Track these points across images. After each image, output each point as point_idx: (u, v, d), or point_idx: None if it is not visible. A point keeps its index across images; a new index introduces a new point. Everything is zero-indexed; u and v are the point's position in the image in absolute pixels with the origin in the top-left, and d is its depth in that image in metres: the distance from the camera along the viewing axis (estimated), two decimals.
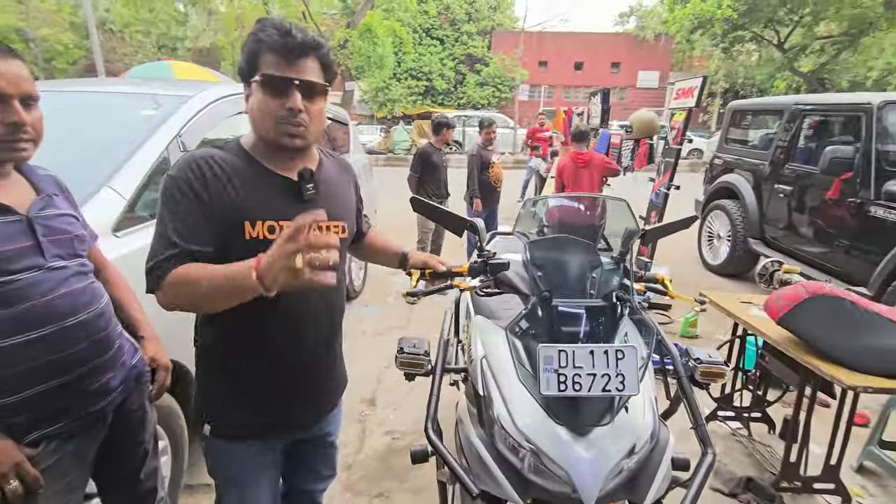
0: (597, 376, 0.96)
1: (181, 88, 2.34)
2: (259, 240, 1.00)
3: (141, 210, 1.73)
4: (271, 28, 0.97)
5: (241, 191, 1.01)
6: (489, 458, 1.06)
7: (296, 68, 0.98)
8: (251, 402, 1.10)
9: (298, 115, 0.98)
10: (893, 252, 3.20)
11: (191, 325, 1.15)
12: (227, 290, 0.88)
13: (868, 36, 16.20)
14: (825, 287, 1.76)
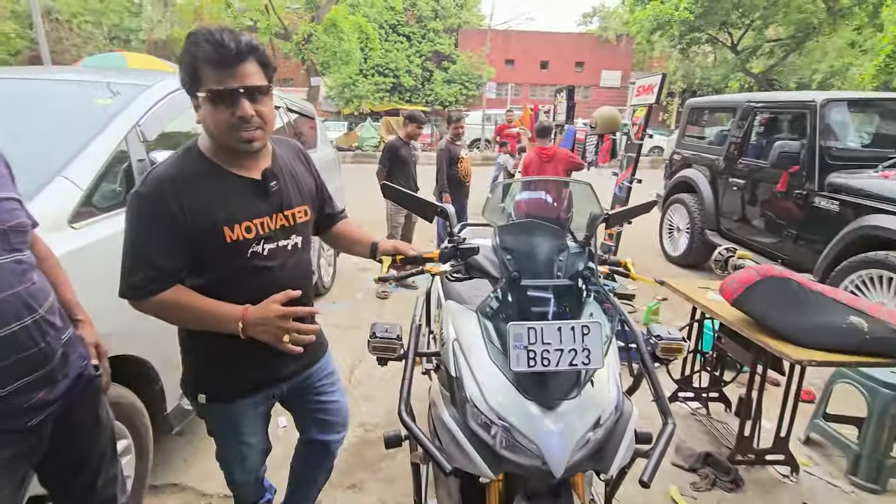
0: (564, 351, 1.00)
1: (139, 77, 2.25)
2: (239, 241, 1.12)
3: (99, 202, 1.66)
4: (203, 42, 1.00)
5: (214, 200, 1.09)
6: (461, 436, 1.08)
7: (236, 76, 1.02)
8: (235, 368, 1.25)
9: (251, 121, 1.05)
10: (836, 240, 3.42)
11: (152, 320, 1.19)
12: (209, 324, 1.11)
13: (812, 40, 17.17)
14: (774, 269, 1.88)
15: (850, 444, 2.18)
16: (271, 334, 1.08)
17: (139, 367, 1.76)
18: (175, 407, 1.96)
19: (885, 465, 2.07)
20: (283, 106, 3.64)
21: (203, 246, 1.09)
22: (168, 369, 1.89)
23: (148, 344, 1.77)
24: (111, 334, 1.56)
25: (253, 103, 1.05)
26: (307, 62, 14.76)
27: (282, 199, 1.20)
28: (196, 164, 1.11)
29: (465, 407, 1.11)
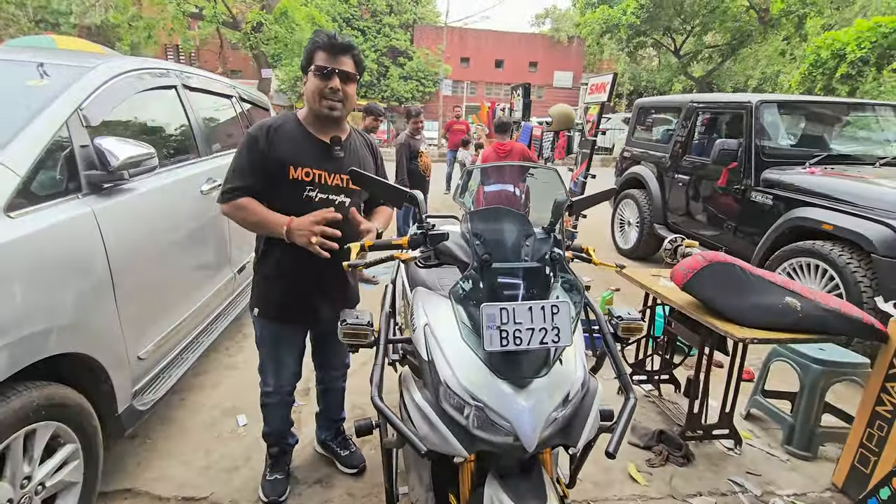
0: (535, 330, 1.03)
1: (80, 59, 2.11)
2: (298, 180, 1.55)
3: (39, 190, 1.54)
4: (323, 35, 1.51)
5: (289, 146, 1.56)
6: (435, 417, 1.09)
7: (337, 61, 1.50)
8: (279, 297, 1.68)
9: (336, 93, 1.51)
10: (770, 230, 3.69)
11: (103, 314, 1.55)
12: (264, 227, 1.55)
13: (746, 48, 18.37)
14: (720, 255, 2.01)
15: (786, 416, 2.37)
16: (304, 236, 1.45)
17: (86, 366, 1.66)
18: (127, 407, 1.86)
19: (815, 434, 2.27)
20: (235, 96, 3.50)
21: (275, 177, 1.54)
22: (118, 367, 1.79)
23: (95, 340, 1.67)
24: (54, 330, 1.47)
25: (342, 83, 1.52)
26: (257, 53, 14.20)
27: (342, 165, 1.60)
28: (289, 122, 1.60)
29: (439, 388, 1.12)
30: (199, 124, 2.73)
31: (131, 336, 1.89)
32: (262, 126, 1.57)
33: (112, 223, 1.76)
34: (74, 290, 1.58)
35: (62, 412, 1.52)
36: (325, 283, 1.68)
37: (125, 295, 1.81)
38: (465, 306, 1.11)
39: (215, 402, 2.53)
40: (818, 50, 14.70)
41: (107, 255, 1.72)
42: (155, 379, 2.09)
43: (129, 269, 1.84)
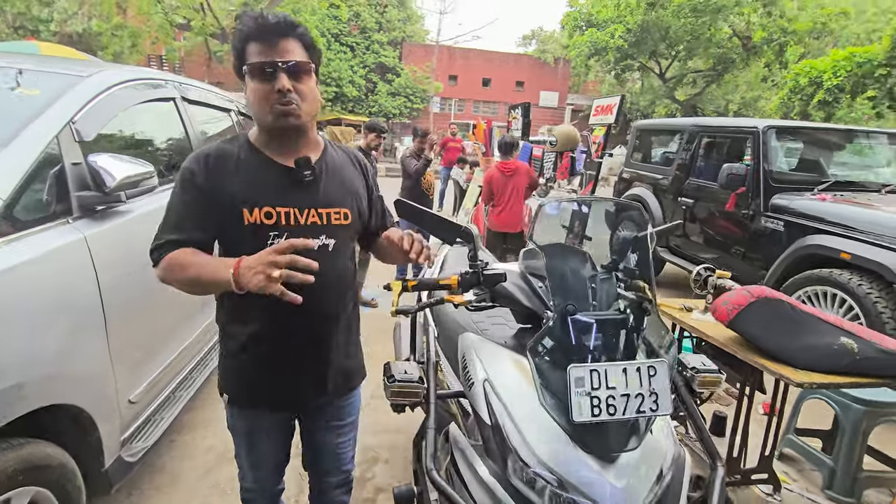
0: (630, 396, 0.88)
1: (72, 66, 1.91)
2: (257, 224, 1.10)
3: (23, 214, 1.34)
4: (247, 18, 1.06)
5: (240, 181, 1.11)
6: (506, 496, 0.92)
7: (277, 51, 1.06)
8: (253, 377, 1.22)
9: (288, 95, 1.06)
10: (782, 257, 3.63)
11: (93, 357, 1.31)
12: (207, 280, 1.03)
13: (729, 73, 18.92)
14: (766, 290, 1.89)
15: (825, 459, 2.24)
16: (262, 274, 0.92)
17: (71, 417, 1.44)
18: (115, 460, 1.63)
19: (858, 479, 2.14)
20: (234, 108, 3.32)
21: (227, 223, 1.10)
22: (107, 416, 1.57)
23: (84, 388, 1.46)
24: (40, 380, 1.26)
25: (292, 79, 1.06)
26: None
27: (317, 196, 1.16)
28: (236, 146, 1.15)
29: (507, 460, 0.95)
30: (199, 140, 2.54)
31: (122, 378, 1.67)
32: (198, 156, 1.12)
33: (105, 251, 1.56)
34: (62, 330, 1.37)
35: (42, 475, 1.30)
36: (317, 351, 1.22)
37: (117, 332, 1.60)
38: (543, 363, 0.95)
39: (209, 443, 2.30)
40: (797, 77, 15.20)
41: (99, 289, 1.52)
42: (145, 424, 1.87)
43: (121, 303, 1.63)
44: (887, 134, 4.60)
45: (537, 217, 1.11)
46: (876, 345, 1.74)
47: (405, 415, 2.61)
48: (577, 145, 5.31)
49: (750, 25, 17.29)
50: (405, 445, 2.37)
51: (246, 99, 1.13)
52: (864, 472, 2.15)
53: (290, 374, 1.22)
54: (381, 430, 2.49)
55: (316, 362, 1.23)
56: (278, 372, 1.21)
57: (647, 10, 17.04)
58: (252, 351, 1.19)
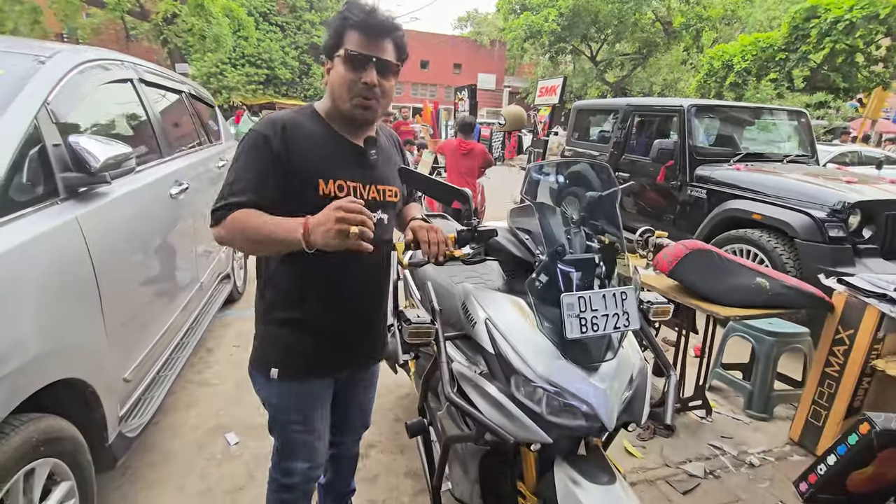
0: (609, 316, 1.10)
1: (28, 46, 1.85)
2: (330, 196, 1.14)
3: (17, 194, 1.34)
4: (357, 9, 1.11)
5: (316, 152, 1.16)
6: (514, 407, 1.12)
7: (375, 46, 1.12)
8: (312, 344, 1.25)
9: (372, 90, 1.13)
10: (706, 221, 4.11)
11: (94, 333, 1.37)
12: (274, 239, 1.04)
13: (653, 56, 20.12)
14: (697, 243, 2.22)
15: (745, 385, 2.67)
16: (335, 231, 0.94)
17: (77, 392, 1.47)
18: (117, 435, 1.67)
19: (770, 398, 2.58)
20: (186, 91, 3.24)
21: (299, 193, 1.12)
22: (109, 392, 1.61)
23: (89, 362, 1.50)
24: (47, 355, 1.30)
25: (379, 76, 1.13)
26: (170, 46, 13.06)
27: (377, 173, 1.26)
28: (309, 118, 1.19)
29: (511, 379, 1.15)
30: (159, 122, 2.50)
31: (118, 356, 1.71)
32: (273, 122, 1.13)
33: (95, 231, 1.58)
34: (66, 306, 1.40)
35: (58, 447, 1.35)
36: (368, 318, 1.33)
37: (111, 311, 1.63)
38: (538, 295, 1.14)
39: (195, 422, 2.34)
40: (711, 60, 16.50)
41: (93, 267, 1.54)
42: (138, 402, 1.90)
43: (113, 282, 1.66)
44: (787, 111, 5.25)
45: (526, 178, 1.30)
46: (782, 283, 2.12)
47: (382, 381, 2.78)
48: (524, 125, 5.58)
49: (671, 11, 18.46)
50: (386, 409, 2.54)
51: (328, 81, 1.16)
52: (775, 392, 2.60)
53: (347, 341, 1.28)
54: None
55: (367, 328, 1.33)
56: (335, 339, 1.26)
57: None
58: (309, 320, 1.22)
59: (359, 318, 1.31)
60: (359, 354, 1.36)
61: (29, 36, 12.58)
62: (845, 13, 13.25)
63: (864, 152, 8.93)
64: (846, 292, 2.13)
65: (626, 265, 1.25)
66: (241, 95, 22.67)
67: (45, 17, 12.91)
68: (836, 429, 2.16)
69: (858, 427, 1.75)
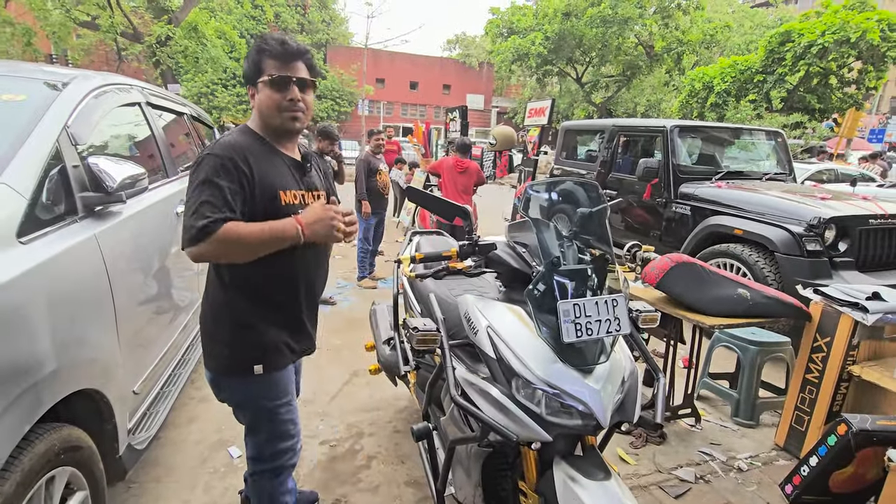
0: (601, 321, 1.19)
1: (39, 71, 1.94)
2: (290, 205, 1.35)
3: (42, 214, 1.42)
4: (272, 40, 1.33)
5: (273, 170, 1.35)
6: (515, 408, 1.20)
7: (291, 69, 1.33)
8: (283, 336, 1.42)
9: (297, 104, 1.34)
10: (690, 236, 4.26)
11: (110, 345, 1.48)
12: (273, 240, 1.25)
13: (637, 78, 20.74)
14: (682, 256, 2.35)
15: (731, 393, 2.77)
16: (328, 228, 1.28)
17: (93, 403, 1.52)
18: (127, 447, 1.71)
19: (756, 406, 2.69)
20: (188, 113, 3.34)
21: (265, 204, 1.29)
22: (122, 403, 1.66)
23: (105, 374, 1.56)
24: (69, 366, 1.36)
25: (300, 91, 1.34)
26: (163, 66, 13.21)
27: (312, 181, 1.47)
28: (252, 139, 1.36)
29: (513, 382, 1.24)
30: (164, 143, 2.59)
31: (129, 369, 1.76)
32: (232, 147, 1.28)
33: (111, 247, 1.66)
34: (86, 319, 1.47)
35: (76, 456, 1.40)
36: (318, 289, 1.54)
37: (124, 324, 1.69)
38: (536, 303, 1.24)
39: (197, 437, 2.37)
40: (693, 82, 17.09)
41: (109, 282, 1.61)
42: (145, 415, 1.95)
43: (126, 297, 1.73)
44: (765, 132, 5.49)
45: (525, 196, 1.40)
46: (763, 293, 2.25)
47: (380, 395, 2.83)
48: (515, 145, 5.75)
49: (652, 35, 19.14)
50: (385, 420, 2.59)
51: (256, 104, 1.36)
52: (760, 399, 2.70)
53: (310, 322, 1.50)
54: (361, 409, 2.68)
55: (315, 306, 1.55)
56: (303, 323, 1.47)
57: (563, 19, 18.30)
58: (283, 311, 1.41)
59: (314, 299, 1.51)
60: (313, 328, 1.55)
61: (20, 58, 12.65)
62: (818, 38, 13.89)
63: (840, 170, 9.28)
64: (822, 302, 2.26)
65: (616, 278, 1.36)
66: (231, 115, 22.83)
67: (37, 39, 13.01)
68: (818, 433, 2.26)
69: (836, 428, 1.85)
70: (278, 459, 1.49)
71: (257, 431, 1.48)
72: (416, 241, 2.43)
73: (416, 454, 2.27)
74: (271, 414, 1.44)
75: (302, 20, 27.11)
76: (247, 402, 1.45)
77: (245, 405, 1.46)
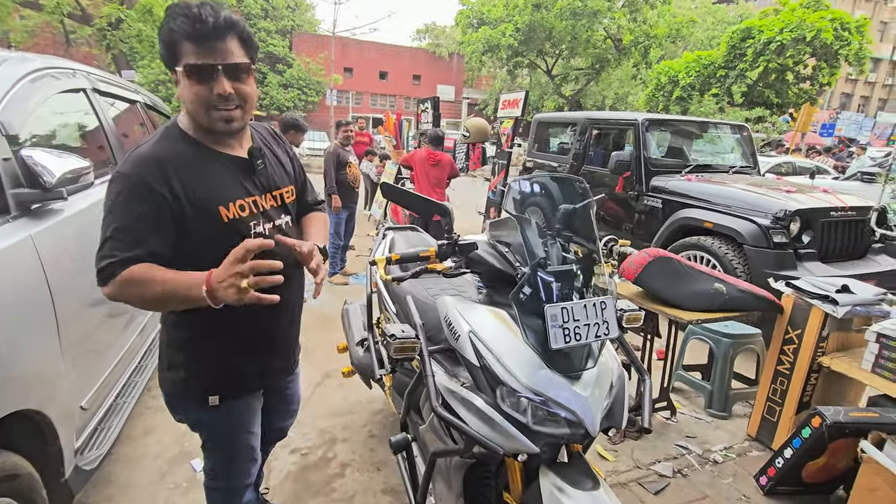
0: (590, 325, 1.14)
1: None
2: (236, 219, 1.09)
3: None
4: (180, 16, 0.97)
5: (207, 181, 1.07)
6: (500, 419, 1.13)
7: (216, 52, 1.00)
8: (244, 365, 1.24)
9: (230, 99, 1.04)
10: (662, 229, 4.31)
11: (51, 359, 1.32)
12: (178, 298, 0.97)
13: (605, 71, 21.01)
14: (659, 251, 2.33)
15: (705, 385, 2.81)
16: (233, 287, 0.91)
17: (32, 424, 1.37)
18: (73, 469, 1.56)
19: (729, 397, 2.73)
20: (141, 101, 3.11)
21: (198, 228, 1.05)
22: (67, 422, 1.51)
23: (45, 392, 1.40)
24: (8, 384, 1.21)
25: (232, 81, 1.03)
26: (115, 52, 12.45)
27: (268, 180, 1.21)
28: (180, 143, 1.08)
29: (498, 390, 1.16)
30: (114, 133, 2.38)
31: (75, 382, 1.60)
32: (148, 163, 1.01)
33: (50, 248, 1.49)
34: (20, 330, 1.31)
35: (13, 486, 1.25)
36: (292, 312, 1.33)
37: (68, 334, 1.53)
38: (521, 308, 1.17)
39: (156, 450, 2.21)
40: (659, 76, 17.42)
41: (49, 288, 1.45)
42: (96, 431, 1.79)
43: (70, 303, 1.56)
44: (731, 125, 5.61)
45: (508, 192, 1.33)
46: (737, 287, 2.26)
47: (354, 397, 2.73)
48: (488, 137, 5.68)
49: (621, 29, 19.39)
50: (359, 425, 2.50)
51: (179, 95, 1.05)
52: (733, 390, 2.75)
53: (277, 347, 1.31)
54: (333, 413, 2.58)
55: (289, 331, 1.36)
56: (267, 351, 1.28)
57: (533, 10, 18.29)
58: (241, 340, 1.21)
59: (284, 324, 1.32)
60: (287, 355, 1.39)
61: None
62: (776, 35, 14.37)
63: (797, 163, 9.66)
64: (793, 295, 2.29)
65: (601, 275, 1.31)
66: None
67: None
68: (789, 423, 2.31)
69: (811, 420, 1.87)
70: (234, 480, 1.39)
71: (213, 451, 1.36)
72: (389, 238, 2.33)
73: (392, 460, 2.19)
74: (229, 440, 1.32)
75: (266, 5, 26.12)
76: (202, 426, 1.32)
77: (200, 428, 1.33)
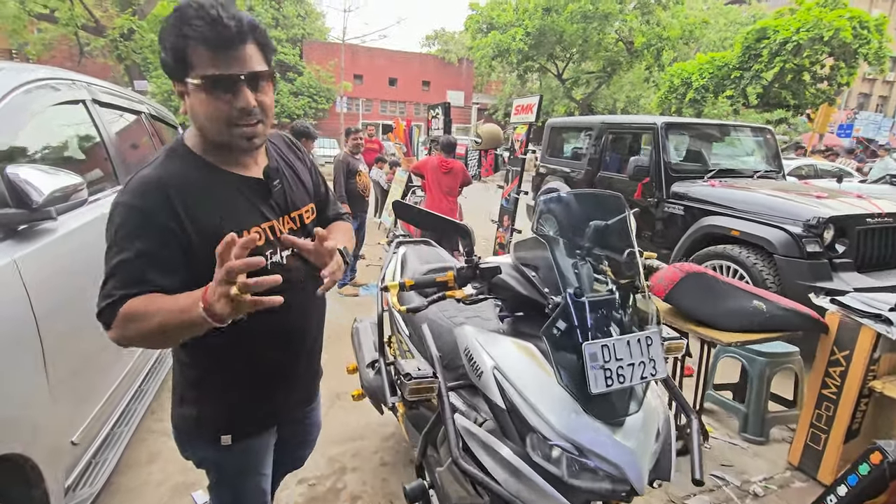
0: (634, 364, 0.99)
1: None
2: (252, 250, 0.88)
3: None
4: (195, 18, 0.84)
5: (218, 208, 0.96)
6: (533, 473, 0.99)
7: (237, 60, 0.88)
8: (262, 401, 1.14)
9: (252, 114, 0.92)
10: (684, 237, 4.12)
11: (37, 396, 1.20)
12: (178, 323, 0.83)
13: (616, 74, 20.79)
14: (692, 266, 2.16)
15: (739, 407, 2.62)
16: (223, 296, 0.76)
17: (14, 468, 1.25)
18: None
19: (766, 420, 2.53)
20: (146, 112, 3.02)
21: (207, 259, 0.84)
22: (52, 463, 1.38)
23: (30, 433, 1.28)
24: None
25: (254, 92, 0.91)
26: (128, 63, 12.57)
27: (286, 200, 1.09)
28: (186, 164, 0.96)
29: (527, 438, 1.02)
30: (115, 146, 2.28)
31: (64, 417, 1.48)
32: (151, 185, 0.90)
33: (36, 273, 1.38)
34: (2, 369, 1.19)
35: None
36: (309, 343, 1.21)
37: (56, 366, 1.42)
38: (555, 345, 1.02)
39: (159, 479, 2.09)
40: (671, 78, 17.17)
41: (35, 318, 1.33)
42: (89, 466, 1.67)
43: (59, 332, 1.45)
44: (753, 128, 5.41)
45: (536, 210, 1.19)
46: (778, 304, 2.08)
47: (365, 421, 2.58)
48: (500, 144, 5.55)
49: (632, 31, 19.17)
50: (370, 451, 2.36)
51: (187, 110, 0.93)
52: (770, 413, 2.55)
53: (293, 384, 1.21)
54: (344, 439, 2.44)
55: (310, 364, 1.25)
56: (283, 388, 1.17)
57: (543, 14, 18.16)
58: (255, 377, 1.11)
59: (302, 357, 1.21)
60: (307, 385, 1.31)
61: None
62: (793, 35, 14.06)
63: (819, 165, 9.36)
64: (839, 312, 2.11)
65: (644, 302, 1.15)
66: None
67: None
68: (836, 453, 2.12)
69: (869, 456, 1.69)
70: None
71: (220, 493, 1.24)
72: (401, 252, 2.19)
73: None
74: (239, 482, 1.21)
75: (277, 14, 26.36)
76: (210, 466, 1.19)
77: (208, 467, 1.20)
